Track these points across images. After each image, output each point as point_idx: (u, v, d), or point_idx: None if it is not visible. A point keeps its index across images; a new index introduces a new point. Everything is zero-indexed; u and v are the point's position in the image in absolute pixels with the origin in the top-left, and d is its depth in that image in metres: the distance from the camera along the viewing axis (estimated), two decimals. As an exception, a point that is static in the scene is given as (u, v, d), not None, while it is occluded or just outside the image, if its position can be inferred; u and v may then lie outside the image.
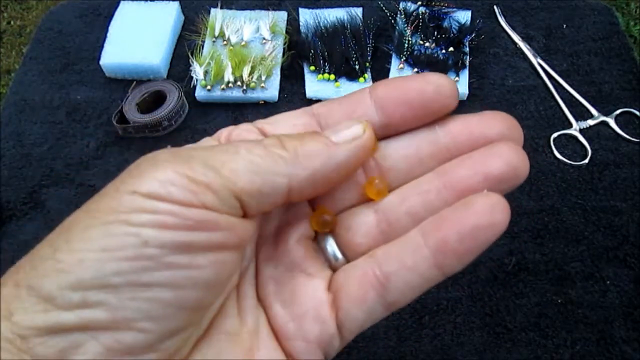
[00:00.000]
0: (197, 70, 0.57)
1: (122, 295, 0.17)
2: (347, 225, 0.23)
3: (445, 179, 0.21)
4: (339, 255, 0.23)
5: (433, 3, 0.62)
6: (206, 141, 0.22)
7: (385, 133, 0.22)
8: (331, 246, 0.23)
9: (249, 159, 0.19)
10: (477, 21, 0.61)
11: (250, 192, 0.19)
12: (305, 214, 0.23)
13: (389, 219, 0.22)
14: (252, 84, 0.56)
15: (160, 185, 0.18)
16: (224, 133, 0.23)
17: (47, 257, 0.18)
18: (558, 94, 0.57)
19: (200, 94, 0.57)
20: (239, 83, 0.57)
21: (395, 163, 0.22)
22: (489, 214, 0.19)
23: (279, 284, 0.22)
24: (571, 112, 0.55)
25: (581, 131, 0.54)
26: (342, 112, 0.23)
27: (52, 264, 0.17)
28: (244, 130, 0.22)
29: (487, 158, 0.20)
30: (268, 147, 0.20)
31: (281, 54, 0.59)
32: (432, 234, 0.20)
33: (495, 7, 0.63)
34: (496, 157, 0.20)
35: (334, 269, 0.23)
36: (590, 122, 0.55)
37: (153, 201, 0.18)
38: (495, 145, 0.20)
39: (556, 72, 0.58)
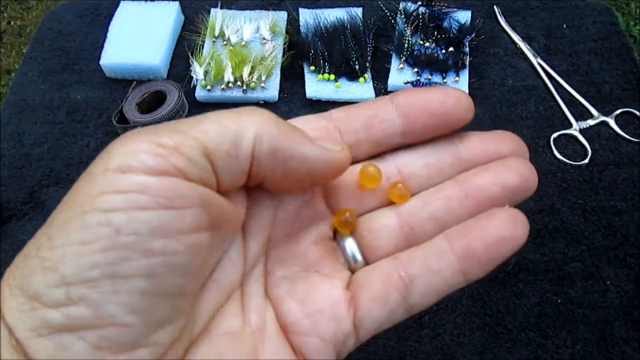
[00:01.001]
0: (197, 70, 0.57)
1: (102, 289, 0.17)
2: (368, 227, 0.23)
3: (465, 187, 0.22)
4: (359, 256, 0.23)
5: (433, 3, 0.62)
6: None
7: (404, 140, 0.23)
8: (351, 247, 0.23)
9: (218, 121, 0.19)
10: (477, 21, 0.61)
11: (219, 152, 0.19)
12: (322, 215, 0.23)
13: (411, 222, 0.23)
14: (252, 84, 0.56)
15: (130, 154, 0.18)
16: None
17: (32, 256, 0.18)
18: (558, 94, 0.57)
19: (200, 94, 0.57)
20: (239, 83, 0.57)
21: (417, 170, 0.23)
22: (512, 226, 0.21)
23: (294, 283, 0.22)
24: (571, 112, 0.55)
25: (581, 131, 0.54)
26: (363, 116, 0.23)
27: (37, 262, 0.17)
28: None
29: (503, 170, 0.22)
30: (240, 111, 0.20)
31: (281, 54, 0.59)
32: (458, 240, 0.21)
33: (495, 7, 0.63)
34: (511, 170, 0.22)
35: (352, 271, 0.23)
36: (590, 122, 0.55)
37: (124, 175, 0.17)
38: (508, 160, 0.22)
39: (556, 72, 0.58)
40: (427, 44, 0.59)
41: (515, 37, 0.61)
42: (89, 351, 0.17)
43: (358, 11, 0.62)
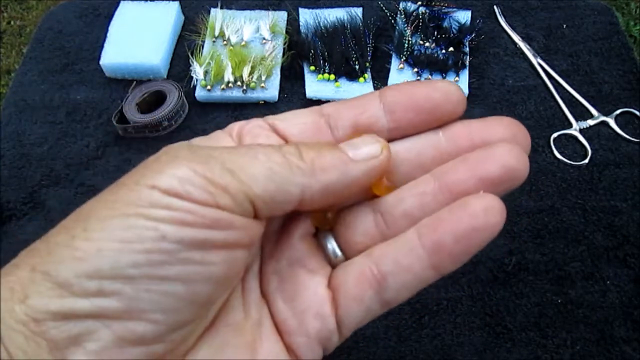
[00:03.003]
0: (197, 70, 0.57)
1: (138, 286, 0.18)
2: (346, 223, 0.23)
3: (441, 182, 0.21)
4: (338, 252, 0.23)
5: (433, 3, 0.62)
6: (217, 135, 0.23)
7: (392, 136, 0.23)
8: (331, 243, 0.23)
9: (267, 165, 0.20)
10: (477, 21, 0.61)
11: (264, 198, 0.19)
12: (308, 211, 0.23)
13: (386, 219, 0.22)
14: (252, 84, 0.56)
15: (179, 183, 0.18)
16: (235, 128, 0.23)
17: (64, 244, 0.18)
18: (558, 94, 0.57)
19: (200, 94, 0.57)
20: (239, 83, 0.57)
21: (397, 165, 0.23)
22: (484, 216, 0.19)
23: (282, 279, 0.23)
24: (571, 112, 0.55)
25: (581, 131, 0.54)
26: (351, 113, 0.23)
27: (70, 252, 0.18)
28: (256, 126, 0.23)
29: (483, 161, 0.21)
30: (286, 155, 0.20)
31: (281, 54, 0.59)
32: (428, 235, 0.21)
33: (495, 7, 0.63)
34: (492, 160, 0.20)
35: (333, 266, 0.23)
36: (590, 122, 0.55)
37: (171, 198, 0.18)
38: (492, 148, 0.21)
39: (556, 72, 0.58)
40: (427, 44, 0.59)
41: (515, 37, 0.61)
42: (113, 339, 0.17)
43: (358, 11, 0.62)
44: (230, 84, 0.56)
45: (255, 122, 0.23)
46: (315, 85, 0.57)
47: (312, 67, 0.58)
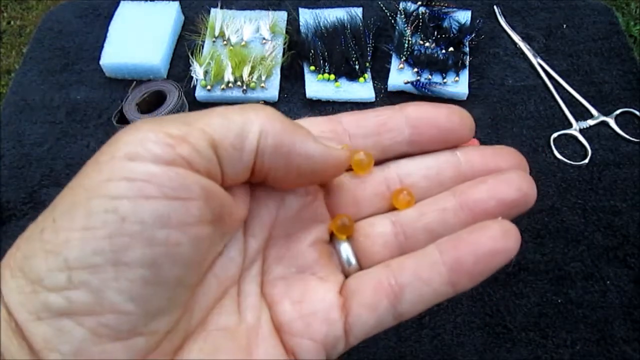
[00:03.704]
0: (197, 70, 0.57)
1: (104, 275, 0.17)
2: (365, 233, 0.24)
3: (461, 200, 0.23)
4: (353, 260, 0.23)
5: (433, 3, 0.62)
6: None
7: (410, 149, 0.24)
8: (346, 251, 0.24)
9: (224, 115, 0.20)
10: (477, 21, 0.61)
11: (224, 144, 0.19)
12: (322, 218, 0.24)
13: (406, 231, 0.23)
14: (252, 84, 0.56)
15: (139, 143, 0.18)
16: None
17: (35, 238, 0.18)
18: (558, 94, 0.57)
19: (200, 94, 0.57)
20: (239, 83, 0.57)
21: (417, 180, 0.24)
22: (504, 240, 0.21)
23: (290, 284, 0.23)
24: (571, 112, 0.55)
25: (581, 131, 0.54)
26: (373, 123, 0.24)
27: (40, 245, 0.17)
28: None
29: (501, 184, 0.22)
30: (245, 107, 0.21)
31: (281, 54, 0.59)
32: (449, 252, 0.21)
33: (495, 7, 0.63)
34: (509, 184, 0.22)
35: (345, 274, 0.23)
36: (590, 122, 0.55)
37: (132, 163, 0.18)
38: (507, 173, 0.22)
39: (556, 72, 0.58)
40: (427, 44, 0.59)
41: (515, 37, 0.61)
42: (87, 337, 0.17)
43: (358, 11, 0.62)
44: (230, 84, 0.56)
45: None
46: (315, 85, 0.57)
47: (312, 67, 0.58)
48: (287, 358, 0.21)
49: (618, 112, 0.55)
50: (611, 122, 0.54)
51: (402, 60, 0.58)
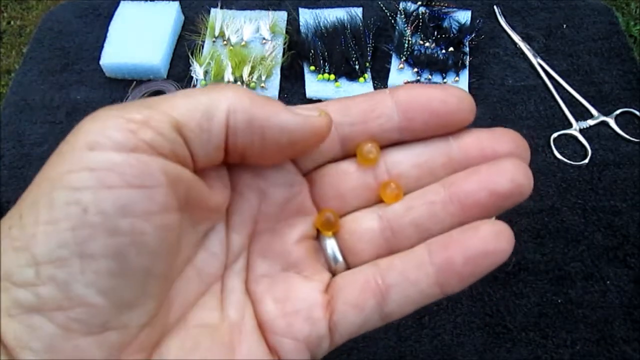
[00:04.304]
0: (197, 70, 0.57)
1: (70, 268, 0.17)
2: (351, 229, 0.23)
3: (451, 191, 0.21)
4: (339, 257, 0.23)
5: (433, 3, 0.62)
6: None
7: (401, 137, 0.22)
8: (332, 248, 0.23)
9: (188, 96, 0.19)
10: (477, 21, 0.61)
11: (190, 125, 0.18)
12: (308, 212, 0.23)
13: (393, 227, 0.22)
14: (252, 84, 0.56)
15: (99, 131, 0.17)
16: None
17: (5, 235, 0.17)
18: (558, 94, 0.57)
19: (200, 94, 0.57)
20: (239, 83, 0.57)
21: (406, 170, 0.22)
22: (495, 241, 0.20)
23: (274, 282, 0.22)
24: (571, 112, 0.55)
25: (581, 131, 0.54)
26: (360, 109, 0.22)
27: (9, 242, 0.17)
28: None
29: (494, 174, 0.21)
30: (211, 86, 0.20)
31: (281, 54, 0.59)
32: (438, 253, 0.21)
33: (495, 7, 0.63)
34: (502, 174, 0.20)
35: (332, 272, 0.23)
36: (590, 122, 0.55)
37: (92, 153, 0.17)
38: (501, 162, 0.21)
39: (556, 72, 0.58)
40: (427, 44, 0.59)
41: (515, 37, 0.61)
42: (58, 333, 0.17)
43: (358, 11, 0.62)
44: (230, 84, 0.56)
45: None
46: (315, 85, 0.57)
47: (312, 67, 0.58)
48: (270, 356, 0.21)
49: (618, 112, 0.55)
50: (611, 122, 0.54)
51: (402, 60, 0.58)
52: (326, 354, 0.22)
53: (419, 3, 0.62)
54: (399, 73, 0.58)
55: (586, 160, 0.52)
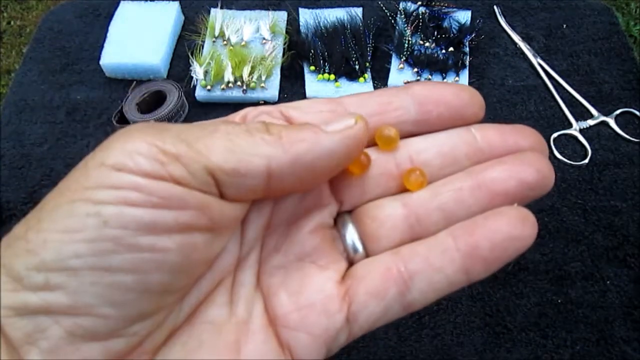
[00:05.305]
0: (197, 70, 0.57)
1: (82, 279, 0.17)
2: (372, 215, 0.22)
3: (479, 179, 0.21)
4: (359, 246, 0.22)
5: (433, 3, 0.62)
6: (216, 120, 0.21)
7: (418, 129, 0.22)
8: (351, 236, 0.22)
9: (227, 137, 0.18)
10: (477, 21, 0.61)
11: (225, 169, 0.18)
12: (326, 202, 0.22)
13: (418, 213, 0.21)
14: (252, 84, 0.56)
15: (128, 155, 0.17)
16: (240, 113, 0.21)
17: (20, 237, 0.17)
18: (558, 94, 0.57)
19: (200, 94, 0.57)
20: (239, 83, 0.57)
21: (430, 158, 0.22)
22: (522, 226, 0.19)
23: (288, 273, 0.21)
24: (571, 112, 0.55)
25: (581, 131, 0.54)
26: (377, 102, 0.22)
27: (23, 244, 0.17)
28: (264, 113, 0.21)
29: (521, 164, 0.21)
30: (250, 128, 0.19)
31: (281, 54, 0.59)
32: (463, 238, 0.20)
33: (495, 7, 0.63)
34: (529, 165, 0.20)
35: (350, 261, 0.22)
36: (590, 122, 0.55)
37: (118, 173, 0.17)
38: (527, 154, 0.21)
39: (556, 72, 0.58)
40: (427, 44, 0.59)
41: (515, 37, 0.61)
42: (63, 336, 0.17)
43: (358, 11, 0.62)
44: (230, 84, 0.56)
45: (264, 108, 0.21)
46: (315, 85, 0.57)
47: (312, 67, 0.58)
48: (281, 353, 0.20)
49: (618, 112, 0.55)
50: (611, 122, 0.54)
51: (402, 60, 0.58)
52: (344, 346, 0.21)
53: (419, 3, 0.62)
54: (399, 73, 0.58)
55: (586, 160, 0.52)
